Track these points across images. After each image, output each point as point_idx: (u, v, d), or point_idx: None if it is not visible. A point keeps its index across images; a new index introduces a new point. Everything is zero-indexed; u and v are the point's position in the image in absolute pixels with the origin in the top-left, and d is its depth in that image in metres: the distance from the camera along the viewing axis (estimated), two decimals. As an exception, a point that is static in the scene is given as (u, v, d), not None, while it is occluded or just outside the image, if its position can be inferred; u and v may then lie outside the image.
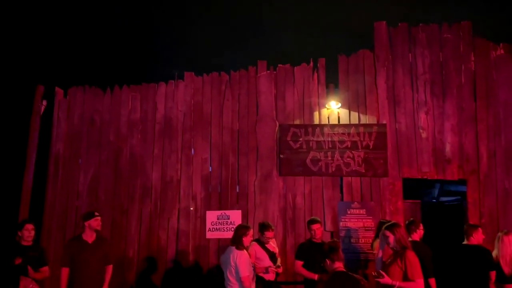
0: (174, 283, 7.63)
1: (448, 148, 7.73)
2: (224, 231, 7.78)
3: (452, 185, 10.44)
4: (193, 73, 8.43)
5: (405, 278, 4.04)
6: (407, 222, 5.46)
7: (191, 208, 7.79)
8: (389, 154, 7.73)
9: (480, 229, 5.48)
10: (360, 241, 7.40)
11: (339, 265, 3.65)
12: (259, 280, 4.97)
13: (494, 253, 5.10)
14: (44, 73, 9.94)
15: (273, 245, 5.38)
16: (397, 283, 4.00)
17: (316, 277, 4.92)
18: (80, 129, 8.38)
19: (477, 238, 5.25)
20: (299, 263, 4.95)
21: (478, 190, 7.56)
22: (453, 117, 7.80)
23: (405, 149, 7.78)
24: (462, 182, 7.84)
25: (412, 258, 4.09)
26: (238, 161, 8.03)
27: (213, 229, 7.81)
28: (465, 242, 5.25)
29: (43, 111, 8.49)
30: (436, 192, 11.19)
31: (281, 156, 7.87)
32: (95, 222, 5.20)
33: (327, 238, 7.46)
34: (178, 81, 8.42)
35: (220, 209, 7.89)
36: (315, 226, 5.01)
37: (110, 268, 4.90)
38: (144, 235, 7.92)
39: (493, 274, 5.00)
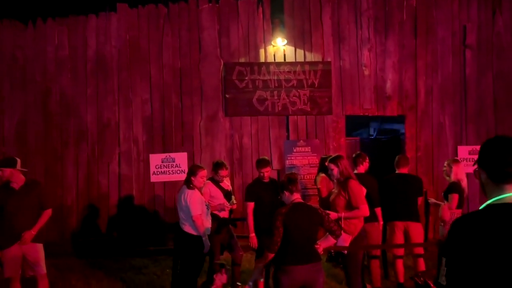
0: (120, 228, 7.39)
1: (388, 85, 7.92)
2: (169, 174, 7.56)
3: (387, 124, 10.93)
4: (126, 4, 7.65)
5: (349, 206, 4.17)
6: (354, 155, 5.56)
7: None
8: (334, 92, 7.77)
9: (408, 159, 5.74)
10: (305, 178, 7.54)
11: (297, 196, 3.61)
12: (214, 218, 4.90)
13: (451, 180, 5.36)
14: None
15: (227, 183, 5.29)
16: (342, 214, 4.10)
17: (253, 235, 4.85)
18: (0, 68, 7.43)
19: (407, 167, 5.51)
20: (251, 204, 4.90)
21: (415, 125, 7.93)
22: (394, 54, 7.94)
23: (349, 86, 7.85)
24: (398, 119, 8.16)
25: (354, 186, 4.20)
26: (182, 102, 7.66)
27: (158, 173, 7.55)
28: (397, 171, 5.48)
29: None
30: (372, 130, 11.69)
31: (227, 96, 7.61)
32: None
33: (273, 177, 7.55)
34: (110, 13, 7.62)
35: (164, 152, 7.59)
36: (265, 170, 4.93)
37: (46, 213, 4.45)
38: (83, 182, 7.46)
39: (420, 199, 5.32)
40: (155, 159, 7.56)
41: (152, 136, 7.60)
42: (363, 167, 5.46)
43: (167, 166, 7.59)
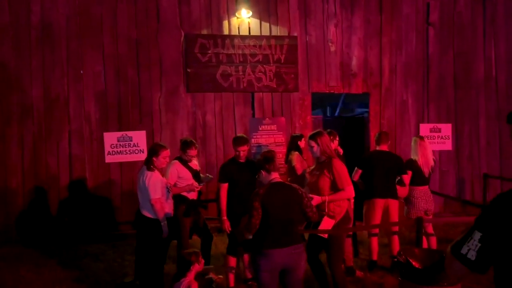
0: (72, 213, 6.81)
1: (354, 62, 7.80)
2: (126, 154, 7.04)
3: (349, 103, 10.94)
4: (75, -34, 6.91)
5: (334, 187, 3.95)
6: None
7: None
8: (300, 68, 7.53)
9: (388, 135, 5.67)
10: (271, 157, 7.30)
11: (275, 176, 3.34)
12: (182, 200, 4.54)
13: (413, 157, 5.35)
14: None
15: (195, 163, 4.91)
16: (326, 198, 3.88)
17: (225, 218, 4.50)
18: None
19: (387, 144, 5.43)
20: (224, 186, 4.56)
21: (379, 103, 7.89)
22: (360, 31, 7.80)
23: (315, 63, 7.64)
24: (361, 98, 8.10)
25: (339, 166, 3.94)
26: (139, 76, 7.09)
27: (114, 153, 7.00)
28: (377, 148, 5.39)
29: None
30: (329, 109, 11.67)
31: (188, 70, 7.14)
32: None
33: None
34: (57, -25, 6.85)
35: (120, 130, 7.03)
36: (242, 148, 4.58)
37: None
38: (29, 162, 6.77)
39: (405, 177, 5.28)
40: (110, 138, 7.00)
41: (106, 112, 7.01)
42: (333, 145, 5.28)
43: (123, 146, 7.05)
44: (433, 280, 3.41)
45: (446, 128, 8.18)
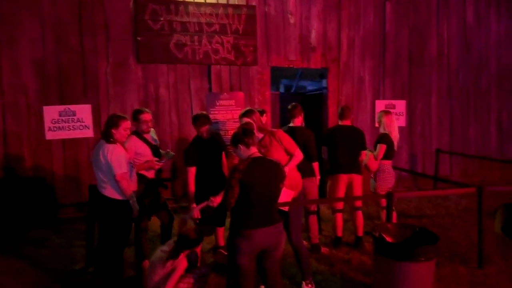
0: (8, 195, 6.09)
1: (313, 35, 7.58)
2: (69, 129, 6.39)
3: (304, 81, 10.79)
4: None
5: (287, 154, 3.83)
6: (290, 106, 5.13)
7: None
8: (259, 40, 7.19)
9: (351, 110, 5.55)
10: (229, 134, 6.97)
11: (255, 151, 3.05)
12: (141, 179, 4.10)
13: (383, 131, 5.26)
14: None
15: (154, 137, 4.47)
16: (287, 168, 3.69)
17: (195, 205, 4.17)
18: None
19: (350, 119, 5.31)
20: (192, 170, 4.21)
21: (337, 78, 7.78)
22: (319, 2, 7.57)
23: (274, 35, 7.33)
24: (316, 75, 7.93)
25: (281, 134, 3.89)
26: (82, 44, 6.40)
27: (55, 129, 6.32)
28: (340, 123, 5.25)
29: None
30: (283, 86, 11.48)
31: (139, 38, 6.55)
32: None
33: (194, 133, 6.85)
34: None
35: (62, 103, 6.35)
36: (203, 129, 4.27)
37: None
38: (-46, 141, 5.94)
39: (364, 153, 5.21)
40: (51, 112, 6.30)
41: (45, 84, 6.28)
42: (299, 120, 5.07)
43: (66, 121, 6.39)
44: (410, 255, 3.34)
45: (400, 105, 8.27)
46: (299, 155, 3.88)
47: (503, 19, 9.03)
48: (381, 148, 5.16)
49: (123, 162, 3.78)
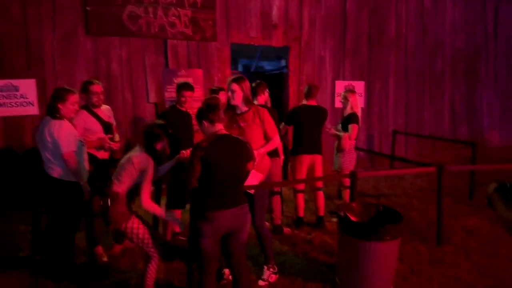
0: None
1: (275, 11, 7.38)
2: (12, 106, 5.85)
3: (263, 61, 10.59)
4: None
5: (265, 136, 3.62)
6: (254, 84, 4.93)
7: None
8: (218, 15, 6.89)
9: (318, 89, 5.44)
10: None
11: (220, 127, 2.84)
12: (90, 159, 3.76)
13: (348, 110, 5.20)
14: None
15: (108, 114, 4.12)
16: (262, 150, 3.52)
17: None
18: None
19: (316, 98, 5.20)
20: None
21: (299, 57, 7.64)
22: (281, -22, 7.37)
23: (234, 9, 7.05)
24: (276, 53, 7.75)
25: (266, 115, 3.62)
26: (25, 14, 5.82)
27: (-5, 105, 5.77)
28: (306, 102, 5.13)
29: None
30: (241, 65, 11.24)
31: (88, 8, 6.06)
32: None
33: (149, 112, 6.51)
34: None
35: (3, 78, 5.78)
36: (187, 94, 4.09)
37: None
38: None
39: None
40: (-10, 88, 5.74)
41: (-17, 56, 5.69)
42: (263, 98, 4.88)
43: (7, 97, 5.84)
44: (375, 235, 3.29)
45: (360, 86, 8.30)
46: (276, 141, 3.65)
47: (459, 3, 9.23)
48: (354, 128, 5.13)
49: (72, 140, 3.46)
